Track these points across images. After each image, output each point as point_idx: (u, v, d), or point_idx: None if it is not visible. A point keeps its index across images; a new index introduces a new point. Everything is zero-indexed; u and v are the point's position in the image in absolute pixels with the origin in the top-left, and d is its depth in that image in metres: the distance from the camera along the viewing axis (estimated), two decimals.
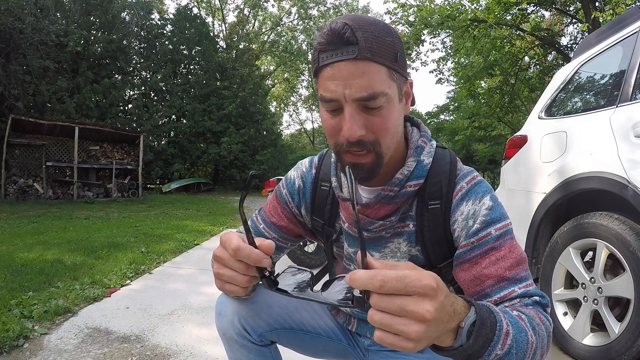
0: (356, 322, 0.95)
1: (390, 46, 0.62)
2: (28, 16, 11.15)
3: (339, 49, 0.61)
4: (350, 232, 0.80)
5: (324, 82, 0.63)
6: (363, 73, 0.60)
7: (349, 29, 0.60)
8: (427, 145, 0.75)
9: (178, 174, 17.19)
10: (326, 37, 0.61)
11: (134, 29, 16.66)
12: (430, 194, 0.73)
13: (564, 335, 1.78)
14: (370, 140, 0.64)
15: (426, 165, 0.73)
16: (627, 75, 1.79)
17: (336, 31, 0.60)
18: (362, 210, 0.74)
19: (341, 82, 0.61)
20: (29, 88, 12.20)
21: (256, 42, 24.32)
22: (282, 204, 0.89)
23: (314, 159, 0.90)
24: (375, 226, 0.75)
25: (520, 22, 11.17)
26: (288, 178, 0.91)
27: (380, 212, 0.74)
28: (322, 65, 0.63)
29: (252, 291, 0.68)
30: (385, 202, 0.73)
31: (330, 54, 0.61)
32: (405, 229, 0.77)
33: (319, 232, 0.88)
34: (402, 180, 0.72)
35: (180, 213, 8.25)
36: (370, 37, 0.60)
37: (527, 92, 13.82)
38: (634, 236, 1.52)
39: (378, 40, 0.61)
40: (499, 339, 0.51)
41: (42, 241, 4.22)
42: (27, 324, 1.95)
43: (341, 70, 0.61)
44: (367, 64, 0.60)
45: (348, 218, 0.78)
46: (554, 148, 2.06)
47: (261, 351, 0.89)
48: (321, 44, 0.62)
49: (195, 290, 2.74)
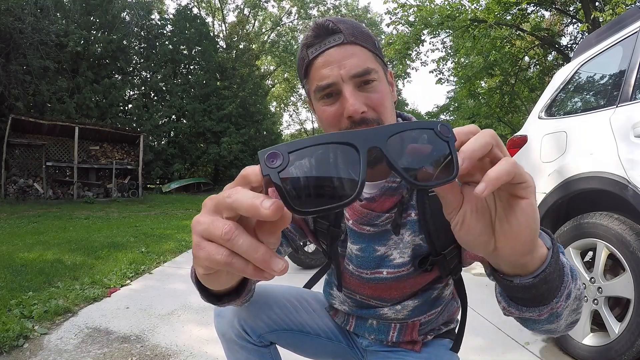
0: (354, 323, 0.95)
1: (368, 35, 0.70)
2: (28, 16, 11.16)
3: (326, 38, 0.68)
4: (355, 229, 0.80)
5: (318, 72, 0.68)
6: (352, 53, 0.67)
7: (330, 22, 0.68)
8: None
9: (178, 174, 17.19)
10: (312, 33, 0.68)
11: (134, 29, 16.67)
12: None
13: (563, 335, 1.78)
14: (374, 117, 0.67)
15: None
16: (627, 75, 1.79)
17: (320, 25, 0.68)
18: (367, 205, 0.75)
19: (335, 65, 0.66)
20: (29, 88, 12.20)
21: (256, 42, 24.33)
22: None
23: None
24: (381, 220, 0.76)
25: (520, 22, 11.18)
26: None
27: (385, 204, 0.75)
28: (313, 57, 0.68)
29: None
30: (389, 194, 0.74)
31: (318, 46, 0.68)
32: (408, 218, 0.77)
33: (323, 233, 0.87)
34: None
35: (180, 213, 8.25)
36: (350, 26, 0.68)
37: (527, 92, 13.83)
38: (634, 236, 1.52)
39: (357, 29, 0.69)
40: (569, 277, 0.47)
41: (42, 241, 4.22)
42: (27, 324, 1.95)
43: (332, 55, 0.67)
44: (354, 47, 0.67)
45: (353, 215, 0.78)
46: (554, 148, 2.06)
47: (260, 352, 0.89)
48: (308, 37, 0.69)
49: (195, 290, 2.71)
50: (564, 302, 0.47)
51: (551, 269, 0.43)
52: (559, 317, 0.48)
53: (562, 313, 0.48)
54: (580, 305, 0.51)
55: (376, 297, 0.87)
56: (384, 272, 0.82)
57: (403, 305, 0.86)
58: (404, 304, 0.86)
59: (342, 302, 0.95)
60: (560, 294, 0.46)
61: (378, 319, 0.90)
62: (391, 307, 0.87)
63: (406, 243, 0.79)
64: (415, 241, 0.79)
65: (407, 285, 0.83)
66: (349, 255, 0.84)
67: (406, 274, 0.81)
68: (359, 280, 0.86)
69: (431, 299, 0.87)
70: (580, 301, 0.51)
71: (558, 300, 0.46)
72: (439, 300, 0.88)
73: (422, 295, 0.86)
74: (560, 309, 0.47)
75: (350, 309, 0.93)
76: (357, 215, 0.77)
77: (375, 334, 0.91)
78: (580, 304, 0.51)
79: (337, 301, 0.96)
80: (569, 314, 0.50)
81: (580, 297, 0.51)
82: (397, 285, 0.83)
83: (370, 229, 0.77)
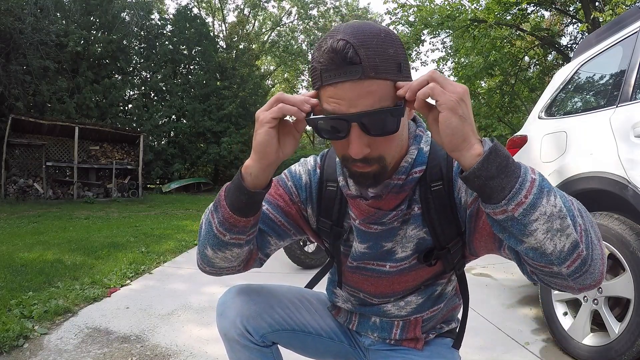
0: (357, 321, 0.95)
1: (393, 58, 0.61)
2: (28, 16, 11.15)
3: (342, 69, 0.59)
4: (362, 229, 0.79)
5: (327, 100, 0.63)
6: (368, 92, 0.59)
7: (350, 47, 0.58)
8: (424, 134, 0.79)
9: (178, 174, 17.18)
10: (327, 57, 0.60)
11: (134, 29, 16.67)
12: (432, 176, 0.76)
13: (564, 335, 1.78)
14: (375, 157, 0.66)
15: (426, 152, 0.76)
16: (627, 75, 1.79)
17: (338, 51, 0.58)
18: (374, 203, 0.75)
19: (346, 102, 0.60)
20: (29, 88, 12.20)
21: (256, 42, 24.32)
22: (287, 194, 0.86)
23: (317, 159, 0.89)
24: (388, 218, 0.76)
25: (520, 22, 11.18)
26: (293, 172, 0.88)
27: (392, 202, 0.75)
28: (326, 84, 0.62)
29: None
30: (395, 192, 0.74)
31: (332, 73, 0.60)
32: (412, 213, 0.78)
33: (326, 232, 0.86)
34: (407, 167, 0.74)
35: (180, 213, 8.25)
36: (373, 54, 0.59)
37: (527, 92, 13.82)
38: (634, 236, 1.52)
39: (381, 55, 0.60)
40: (524, 180, 0.55)
41: (42, 241, 4.22)
42: (27, 324, 1.95)
43: (345, 91, 0.60)
44: (372, 82, 0.59)
45: (360, 215, 0.78)
46: (554, 148, 2.06)
47: (262, 352, 0.89)
48: (322, 63, 0.61)
49: (195, 290, 2.74)
50: (523, 209, 0.54)
51: (483, 168, 0.54)
52: (527, 229, 0.55)
53: (530, 225, 0.54)
54: (566, 225, 0.55)
55: (379, 294, 0.87)
56: (387, 265, 0.82)
57: (406, 302, 0.86)
58: (407, 300, 0.86)
59: (345, 301, 0.95)
60: (510, 198, 0.54)
61: (381, 317, 0.90)
62: (394, 304, 0.87)
63: (409, 237, 0.79)
64: (419, 235, 0.79)
65: (409, 278, 0.84)
66: (355, 254, 0.84)
67: (408, 267, 0.82)
68: (362, 277, 0.86)
69: (434, 295, 0.87)
70: (564, 220, 0.55)
71: (508, 203, 0.54)
72: (441, 297, 0.89)
73: (425, 291, 0.86)
74: (519, 215, 0.54)
75: (353, 306, 0.93)
76: (364, 214, 0.76)
77: (378, 332, 0.91)
78: (565, 223, 0.55)
79: (340, 299, 0.96)
80: (550, 231, 0.55)
81: (562, 215, 0.55)
82: (399, 279, 0.83)
83: (377, 227, 0.77)
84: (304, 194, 0.86)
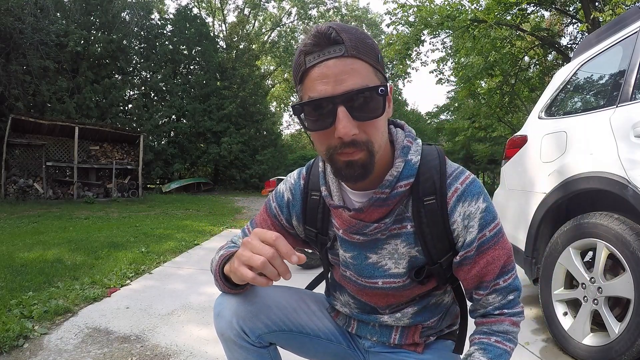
0: (356, 324, 0.95)
1: (372, 47, 0.65)
2: (28, 16, 11.16)
3: (326, 48, 0.62)
4: (345, 238, 0.80)
5: (312, 83, 0.63)
6: (352, 69, 0.62)
7: (333, 30, 0.62)
8: (412, 144, 0.77)
9: (178, 174, 17.21)
10: (312, 39, 0.63)
11: (134, 29, 16.67)
12: (424, 190, 0.75)
13: (564, 335, 1.78)
14: (363, 140, 0.65)
15: (415, 163, 0.74)
16: (627, 75, 1.79)
17: (322, 32, 0.62)
18: (356, 215, 0.74)
19: (332, 79, 0.62)
20: (29, 88, 12.21)
21: (256, 43, 24.33)
22: (271, 217, 0.91)
23: (302, 171, 0.90)
24: (370, 229, 0.75)
25: (520, 22, 11.17)
26: (277, 192, 0.92)
27: (374, 215, 0.74)
28: (310, 66, 0.63)
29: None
30: (378, 205, 0.73)
31: (317, 54, 0.63)
32: (403, 230, 0.77)
33: (313, 240, 0.88)
34: (392, 181, 0.72)
35: (180, 213, 8.25)
36: (354, 37, 0.63)
37: (527, 92, 13.80)
38: (634, 236, 1.52)
39: (361, 40, 0.64)
40: None
41: (42, 241, 4.22)
42: (27, 324, 1.94)
43: (330, 67, 0.62)
44: (355, 61, 0.62)
45: (342, 224, 0.78)
46: (553, 148, 2.06)
47: (260, 352, 0.89)
48: (307, 45, 0.63)
49: (195, 290, 2.74)
50: None
51: None
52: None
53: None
54: None
55: (373, 303, 0.88)
56: (379, 282, 0.82)
57: (403, 313, 0.86)
58: (404, 311, 0.86)
59: (343, 305, 0.95)
60: None
61: (379, 324, 0.91)
62: (390, 315, 0.87)
63: (401, 254, 0.79)
64: (411, 253, 0.79)
65: (404, 294, 0.84)
66: (344, 262, 0.85)
67: (402, 285, 0.82)
68: (357, 287, 0.87)
69: (430, 305, 0.87)
70: None
71: None
72: (439, 307, 0.89)
73: (421, 301, 0.87)
74: None
75: (352, 312, 0.93)
76: (346, 224, 0.77)
77: (378, 336, 0.91)
78: None
79: (338, 303, 0.96)
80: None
81: None
82: (393, 294, 0.84)
83: (360, 238, 0.78)
84: (285, 212, 0.90)
